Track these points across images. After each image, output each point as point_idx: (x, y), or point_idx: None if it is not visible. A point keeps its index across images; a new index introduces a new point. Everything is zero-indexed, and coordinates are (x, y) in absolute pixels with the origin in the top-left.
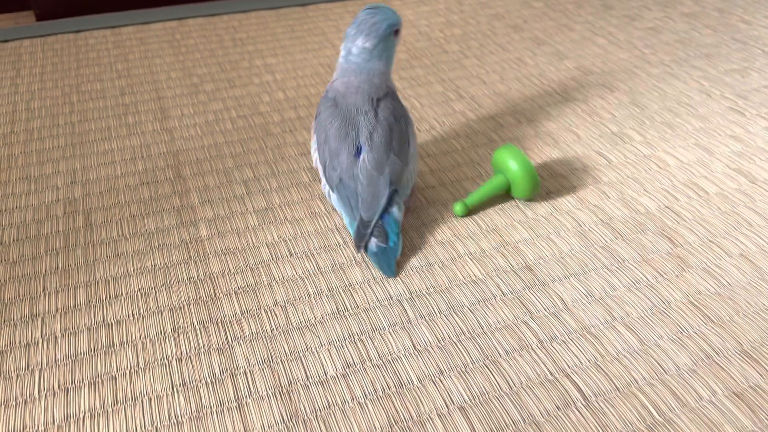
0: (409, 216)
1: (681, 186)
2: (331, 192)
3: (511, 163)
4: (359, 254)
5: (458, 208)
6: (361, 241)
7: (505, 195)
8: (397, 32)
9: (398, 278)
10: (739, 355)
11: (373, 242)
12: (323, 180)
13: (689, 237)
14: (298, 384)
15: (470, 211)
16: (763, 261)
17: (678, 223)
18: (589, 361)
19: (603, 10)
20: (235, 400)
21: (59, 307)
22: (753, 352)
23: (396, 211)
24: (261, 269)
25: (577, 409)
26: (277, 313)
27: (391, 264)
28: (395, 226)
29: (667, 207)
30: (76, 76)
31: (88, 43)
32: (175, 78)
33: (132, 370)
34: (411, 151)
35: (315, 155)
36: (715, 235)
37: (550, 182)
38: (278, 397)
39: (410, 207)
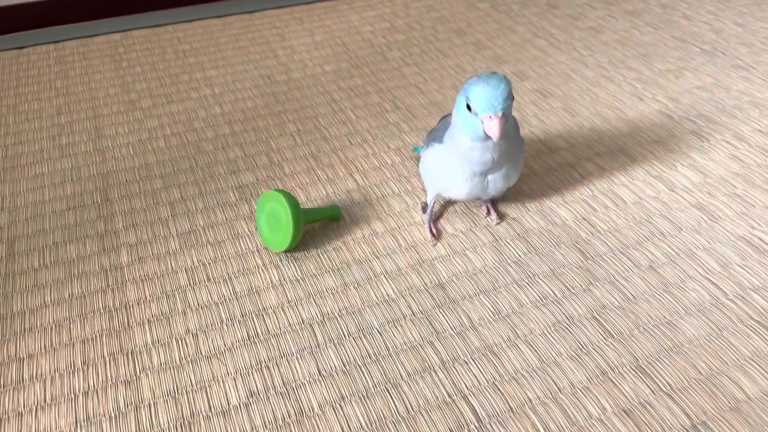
0: (329, 232)
1: (600, 195)
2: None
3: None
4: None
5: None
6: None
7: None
8: (469, 107)
9: (311, 300)
10: (634, 370)
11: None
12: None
13: (600, 249)
14: (200, 415)
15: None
16: (670, 271)
17: (592, 234)
18: (487, 381)
19: (548, 9)
20: None
21: None
22: (647, 366)
23: None
24: (177, 296)
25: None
26: (188, 342)
27: None
28: None
29: (583, 218)
30: (15, 95)
31: (30, 60)
32: (114, 95)
33: (38, 406)
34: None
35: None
36: (627, 246)
37: None
38: (179, 429)
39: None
